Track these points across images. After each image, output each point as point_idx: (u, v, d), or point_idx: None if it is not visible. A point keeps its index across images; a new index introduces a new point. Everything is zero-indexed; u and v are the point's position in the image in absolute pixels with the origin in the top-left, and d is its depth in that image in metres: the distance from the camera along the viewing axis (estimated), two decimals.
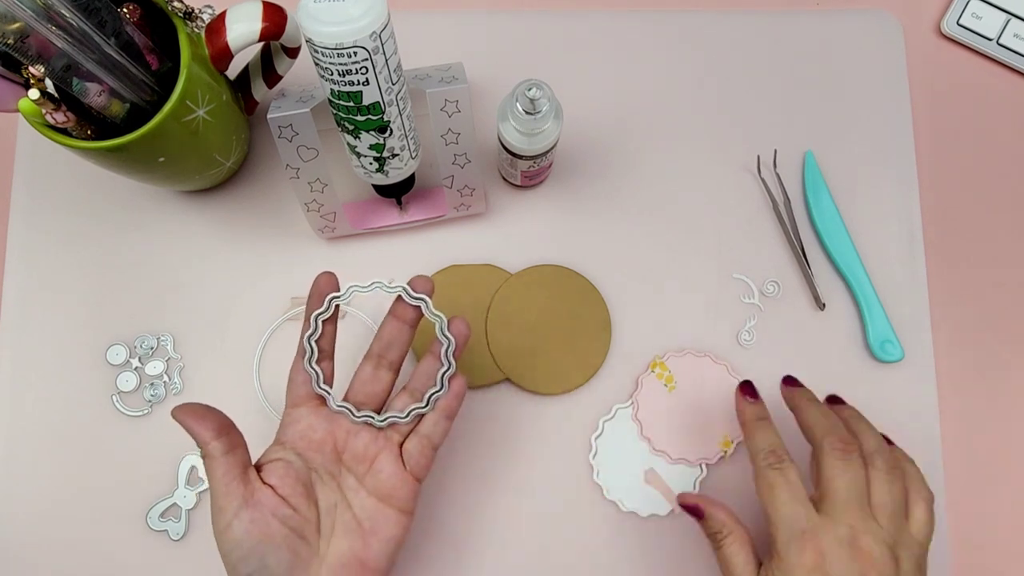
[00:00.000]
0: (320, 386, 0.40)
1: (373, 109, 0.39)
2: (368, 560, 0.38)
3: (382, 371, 0.41)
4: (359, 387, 0.41)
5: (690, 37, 0.54)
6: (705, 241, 0.51)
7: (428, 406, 0.40)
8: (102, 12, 0.36)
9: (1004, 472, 0.49)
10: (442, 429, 0.41)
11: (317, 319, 0.39)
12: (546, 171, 0.50)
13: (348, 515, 0.39)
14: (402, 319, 0.40)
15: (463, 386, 0.41)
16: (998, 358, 0.51)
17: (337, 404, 0.40)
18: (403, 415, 0.40)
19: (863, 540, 0.36)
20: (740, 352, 0.50)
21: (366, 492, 0.40)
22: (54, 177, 0.51)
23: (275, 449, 0.40)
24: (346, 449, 0.40)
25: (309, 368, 0.39)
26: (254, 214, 0.51)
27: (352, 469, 0.40)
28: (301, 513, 0.38)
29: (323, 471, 0.40)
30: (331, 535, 0.39)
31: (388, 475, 0.40)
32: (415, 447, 0.40)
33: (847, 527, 0.37)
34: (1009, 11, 0.53)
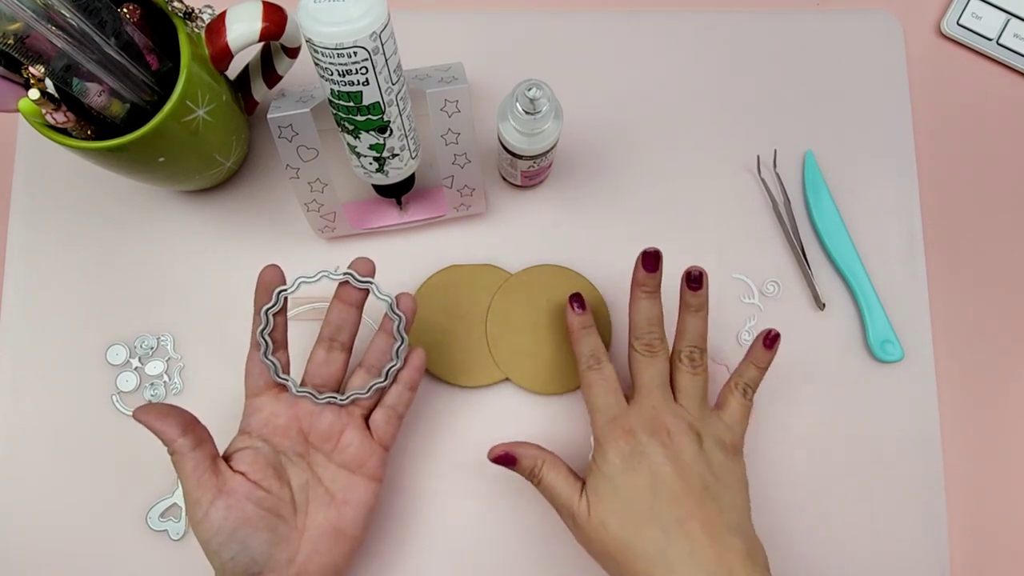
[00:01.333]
0: (280, 376, 0.41)
1: (373, 109, 0.39)
2: (344, 527, 0.41)
3: (335, 353, 0.42)
4: (315, 370, 0.42)
5: (690, 37, 0.54)
6: (705, 241, 0.51)
7: (388, 380, 0.42)
8: (102, 12, 0.36)
9: (1004, 472, 0.49)
10: (406, 399, 0.43)
11: (267, 313, 0.40)
12: (546, 171, 0.50)
13: (320, 489, 0.41)
14: (348, 302, 0.42)
15: (422, 358, 0.43)
16: (998, 358, 0.51)
17: (298, 390, 0.41)
18: (364, 391, 0.42)
19: (664, 418, 0.41)
20: (740, 352, 0.50)
21: (336, 466, 0.42)
22: (54, 177, 0.51)
23: (241, 439, 0.41)
24: (311, 430, 0.42)
25: (266, 361, 0.41)
26: (254, 214, 0.51)
27: (319, 447, 0.42)
28: (274, 494, 0.40)
29: (291, 453, 0.41)
30: (307, 509, 0.41)
31: (356, 447, 0.42)
32: (382, 417, 0.42)
33: (651, 407, 0.41)
34: (1009, 11, 0.53)
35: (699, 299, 0.43)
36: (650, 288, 0.43)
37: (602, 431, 0.41)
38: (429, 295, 0.49)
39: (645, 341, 0.42)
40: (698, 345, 0.43)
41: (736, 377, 0.44)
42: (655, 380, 0.42)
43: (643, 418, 0.41)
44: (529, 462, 0.42)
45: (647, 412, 0.41)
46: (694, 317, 0.43)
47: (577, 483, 0.42)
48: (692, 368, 0.42)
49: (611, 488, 0.40)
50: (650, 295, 0.43)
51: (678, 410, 0.41)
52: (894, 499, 0.49)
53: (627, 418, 0.41)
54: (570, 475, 0.42)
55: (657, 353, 0.42)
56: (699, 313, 0.43)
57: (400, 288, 0.49)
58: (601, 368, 0.43)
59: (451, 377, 0.48)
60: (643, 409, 0.41)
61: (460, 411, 0.49)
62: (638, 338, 0.43)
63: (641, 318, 0.43)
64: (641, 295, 0.43)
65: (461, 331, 0.49)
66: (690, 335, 0.43)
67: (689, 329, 0.43)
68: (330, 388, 0.42)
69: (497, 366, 0.48)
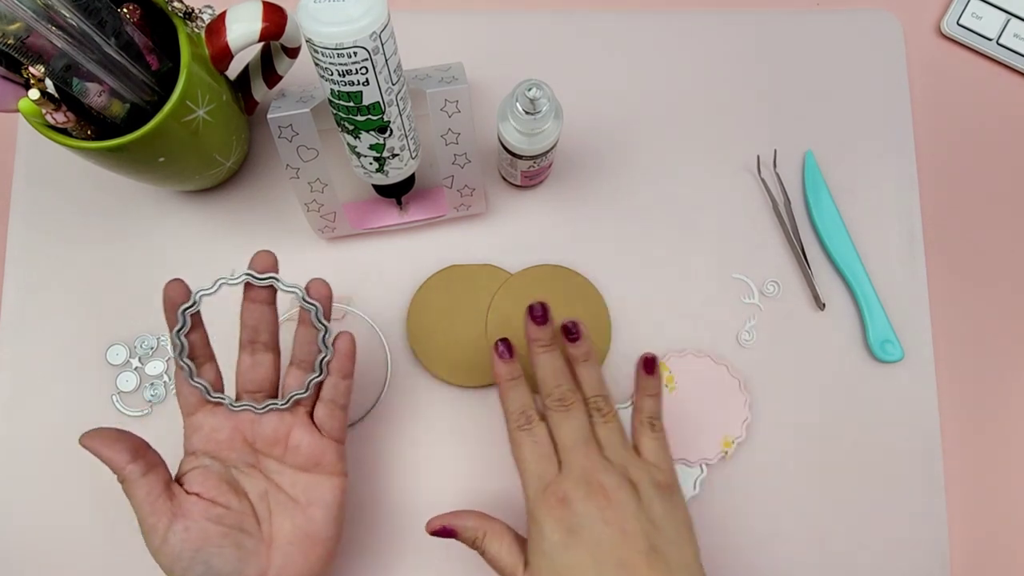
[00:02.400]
0: (212, 396, 0.40)
1: (373, 109, 0.39)
2: (314, 532, 0.40)
3: (260, 355, 0.41)
4: (245, 377, 0.41)
5: (690, 37, 0.54)
6: (705, 241, 0.51)
7: (322, 373, 0.40)
8: (102, 12, 0.36)
9: (1004, 471, 0.49)
10: (343, 388, 0.41)
11: (180, 336, 0.38)
12: (546, 171, 0.50)
13: (282, 496, 0.40)
14: (257, 300, 0.40)
15: (350, 343, 0.41)
16: (998, 358, 0.51)
17: (235, 405, 0.40)
18: (303, 391, 0.40)
19: (597, 476, 0.38)
20: (740, 352, 0.50)
21: (292, 469, 0.40)
22: (54, 177, 0.51)
23: (188, 460, 0.40)
24: (256, 438, 0.40)
25: (194, 383, 0.39)
26: (254, 214, 0.51)
27: (269, 453, 0.40)
28: (234, 509, 0.39)
29: (242, 464, 0.40)
30: (271, 519, 0.39)
31: (307, 446, 0.40)
32: (324, 413, 0.41)
33: (579, 468, 0.39)
34: (1009, 11, 0.53)
35: (582, 349, 0.41)
36: (545, 341, 0.41)
37: (535, 503, 0.39)
38: (429, 295, 0.49)
39: (556, 396, 0.40)
40: (599, 393, 0.41)
41: (637, 414, 0.42)
42: (578, 436, 0.40)
43: (575, 482, 0.38)
44: (470, 534, 0.40)
45: (577, 474, 0.38)
46: (584, 367, 0.41)
47: (521, 554, 0.39)
48: (603, 418, 0.41)
49: (552, 568, 0.37)
50: (548, 348, 0.41)
51: (607, 465, 0.39)
52: (894, 499, 0.49)
53: (559, 485, 0.38)
54: (514, 544, 0.40)
55: (571, 406, 0.40)
56: (587, 363, 0.41)
57: (400, 288, 0.50)
58: (532, 429, 0.40)
59: (453, 378, 0.48)
60: (573, 472, 0.39)
61: (460, 411, 0.49)
62: (548, 395, 0.41)
63: (546, 373, 0.41)
64: (539, 350, 0.41)
65: (461, 331, 0.49)
66: (588, 386, 0.41)
67: (584, 380, 0.41)
68: (266, 391, 0.41)
69: None
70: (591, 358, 0.42)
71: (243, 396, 0.41)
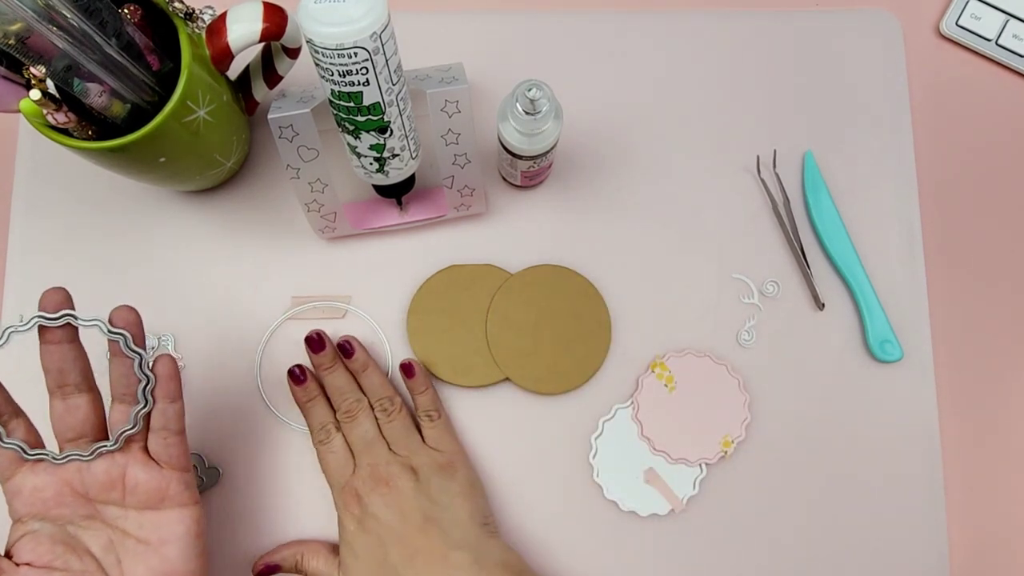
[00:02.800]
0: (29, 454, 0.37)
1: (373, 109, 0.39)
2: (171, 569, 0.38)
3: (72, 399, 0.37)
4: (62, 425, 0.37)
5: (690, 37, 0.54)
6: (705, 241, 0.51)
7: (147, 403, 0.37)
8: (103, 13, 0.36)
9: (1004, 471, 0.50)
10: (173, 412, 0.38)
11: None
12: (546, 171, 0.50)
13: (129, 541, 0.38)
14: (56, 341, 0.37)
15: (170, 365, 0.38)
16: (997, 358, 0.51)
17: (59, 457, 0.37)
18: (131, 426, 0.37)
19: (380, 469, 0.44)
20: (740, 352, 0.50)
21: (135, 511, 0.38)
22: (55, 177, 0.51)
23: (15, 528, 0.37)
24: (88, 487, 0.38)
25: (5, 446, 0.36)
26: (254, 214, 0.51)
27: (107, 500, 0.38)
28: (73, 569, 0.37)
29: (77, 519, 0.38)
30: (120, 569, 0.37)
31: (146, 483, 0.38)
32: (158, 443, 0.38)
33: (368, 466, 0.44)
34: (1008, 12, 0.53)
35: (359, 362, 0.46)
36: (327, 364, 0.46)
37: (336, 503, 0.44)
38: (429, 295, 0.49)
39: (343, 409, 0.45)
40: (383, 395, 0.46)
41: (415, 411, 0.47)
42: (364, 439, 0.45)
43: (363, 478, 0.44)
44: (289, 561, 0.45)
45: (366, 472, 0.44)
46: (364, 376, 0.46)
47: (336, 559, 0.44)
48: (388, 417, 0.45)
49: (352, 554, 0.43)
50: (331, 370, 0.46)
51: (392, 457, 0.44)
52: (894, 499, 0.49)
53: (353, 484, 0.44)
54: (330, 555, 0.45)
55: (356, 415, 0.45)
56: (367, 371, 0.46)
57: (400, 288, 0.50)
58: (330, 441, 0.45)
59: (451, 377, 0.48)
60: (363, 470, 0.44)
61: (460, 411, 0.49)
62: (338, 408, 0.46)
63: (332, 391, 0.46)
64: (324, 373, 0.46)
65: (461, 331, 0.49)
66: (372, 392, 0.46)
67: (368, 387, 0.46)
68: (89, 436, 0.38)
69: (497, 366, 0.48)
70: (369, 367, 0.46)
71: (64, 446, 0.37)
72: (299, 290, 0.50)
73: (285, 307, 0.50)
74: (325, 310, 0.49)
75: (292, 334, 0.49)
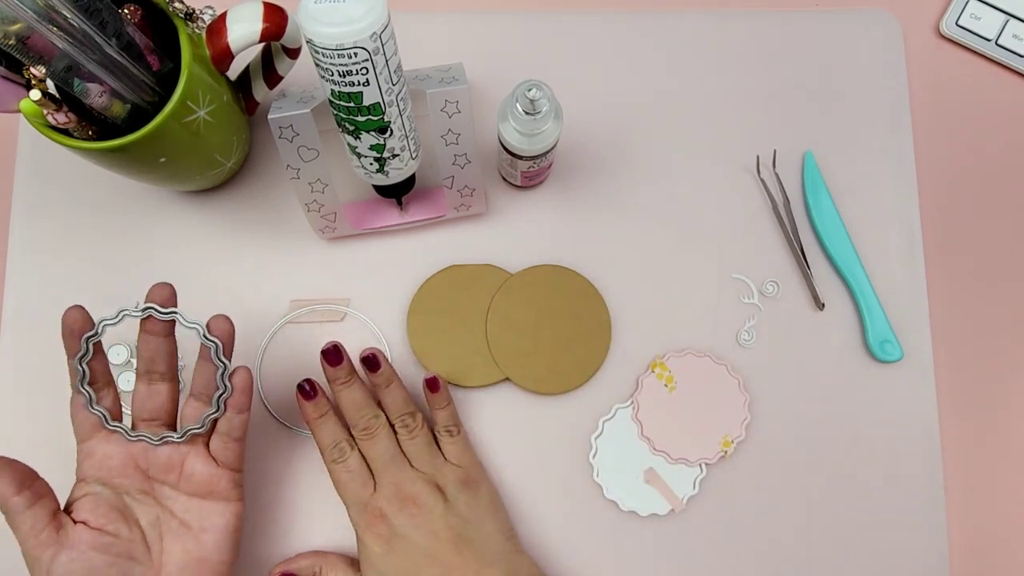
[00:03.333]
0: (109, 424, 0.40)
1: (373, 110, 0.39)
2: (206, 556, 0.40)
3: (156, 385, 0.41)
4: (140, 406, 0.41)
5: (690, 37, 0.54)
6: (705, 241, 0.51)
7: (219, 410, 0.41)
8: (103, 13, 0.36)
9: (1003, 471, 0.50)
10: (239, 423, 0.41)
11: (81, 363, 0.39)
12: (546, 171, 0.50)
13: (174, 522, 0.40)
14: (154, 332, 0.40)
15: (246, 379, 0.41)
16: (997, 358, 0.51)
17: (132, 435, 0.40)
18: (199, 425, 0.40)
19: (405, 488, 0.43)
20: (740, 352, 0.50)
21: (185, 496, 0.41)
22: (55, 177, 0.51)
23: (79, 487, 0.40)
24: (150, 465, 0.40)
25: (93, 411, 0.39)
26: (255, 214, 0.51)
27: (163, 480, 0.41)
28: (123, 537, 0.39)
29: (134, 491, 0.40)
30: (161, 545, 0.40)
31: (201, 474, 0.41)
32: (219, 445, 0.41)
33: (390, 485, 0.43)
34: (1008, 12, 0.53)
35: (383, 376, 0.45)
36: (343, 378, 0.44)
37: (357, 523, 0.43)
38: (429, 295, 0.49)
39: (361, 426, 0.44)
40: (404, 411, 0.45)
41: (434, 426, 0.46)
42: (385, 457, 0.43)
43: (388, 498, 0.42)
44: (307, 571, 0.44)
45: (390, 491, 0.43)
46: (387, 392, 0.45)
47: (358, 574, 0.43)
48: (410, 434, 0.44)
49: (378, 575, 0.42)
50: (346, 384, 0.44)
51: (416, 475, 0.43)
52: (894, 499, 0.49)
53: (376, 503, 0.43)
54: (349, 569, 0.44)
55: (375, 432, 0.44)
56: (390, 387, 0.45)
57: (400, 288, 0.50)
58: (346, 460, 0.43)
59: (451, 377, 0.48)
60: (385, 489, 0.43)
61: (460, 411, 0.49)
62: (355, 426, 0.44)
63: (348, 406, 0.44)
64: (339, 388, 0.44)
65: (461, 331, 0.49)
66: (393, 408, 0.45)
67: (388, 404, 0.45)
68: (162, 420, 0.41)
69: (497, 366, 0.48)
70: (393, 381, 0.45)
71: (138, 424, 0.41)
72: (299, 290, 0.50)
73: (285, 308, 0.50)
74: (324, 313, 0.50)
75: (291, 337, 0.49)
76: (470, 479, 0.44)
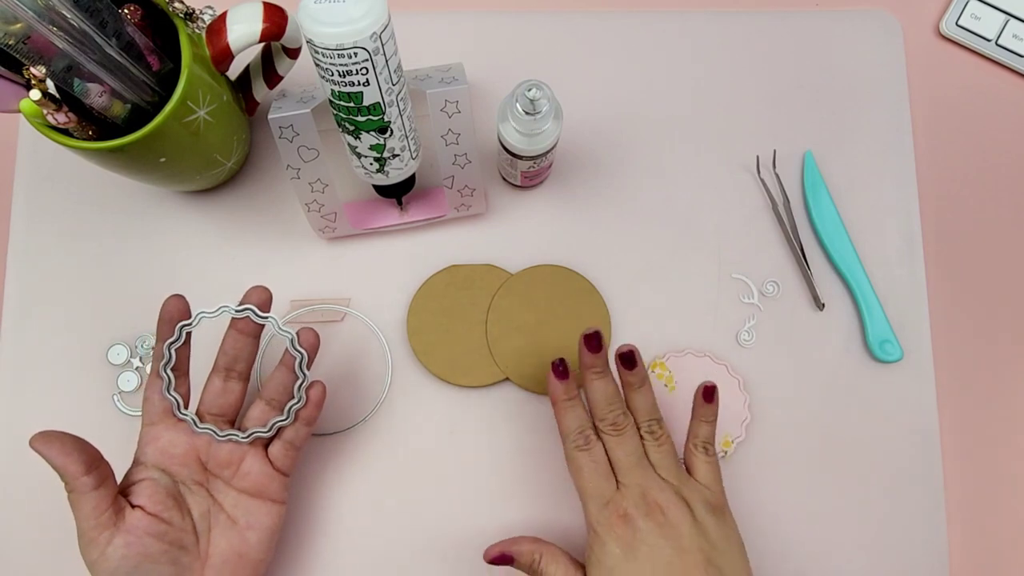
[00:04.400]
0: (180, 413, 0.41)
1: (373, 110, 0.39)
2: (247, 552, 0.41)
3: (232, 383, 0.42)
4: (211, 400, 0.42)
5: (690, 37, 0.54)
6: (705, 241, 0.51)
7: (289, 418, 0.41)
8: (103, 13, 0.36)
9: (1003, 471, 0.50)
10: (303, 434, 0.42)
11: (170, 348, 0.40)
12: (546, 171, 0.50)
13: (223, 516, 0.41)
14: (245, 332, 0.41)
15: (321, 393, 0.42)
16: (997, 358, 0.51)
17: (200, 427, 0.41)
18: (265, 429, 0.41)
19: (652, 494, 0.40)
20: (740, 352, 0.50)
21: (236, 492, 0.41)
22: (55, 177, 0.51)
23: (138, 469, 0.40)
24: (209, 458, 0.41)
25: (168, 396, 0.40)
26: (255, 214, 0.51)
27: (219, 474, 0.41)
28: (175, 525, 0.39)
29: (190, 482, 0.41)
30: (208, 536, 0.40)
31: (256, 474, 0.42)
32: (279, 451, 0.42)
33: (637, 487, 0.40)
34: (1008, 12, 0.53)
35: (638, 376, 0.43)
36: (599, 368, 0.42)
37: (597, 520, 0.40)
38: (429, 295, 0.49)
39: (609, 421, 0.42)
40: (652, 417, 0.42)
41: (691, 438, 0.43)
42: (632, 458, 0.41)
43: (634, 500, 0.40)
44: (527, 558, 0.41)
45: (636, 492, 0.40)
46: (638, 393, 0.43)
47: (579, 572, 0.40)
48: (656, 441, 0.42)
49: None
50: (601, 375, 0.42)
51: (663, 484, 0.41)
52: (893, 499, 0.49)
53: (620, 503, 0.40)
54: (570, 565, 0.41)
55: (624, 429, 0.42)
56: (642, 388, 0.43)
57: (400, 288, 0.50)
58: (591, 449, 0.41)
59: (451, 377, 0.48)
60: (631, 490, 0.40)
61: (461, 411, 0.49)
62: (602, 419, 0.42)
63: (599, 398, 0.42)
64: (592, 376, 0.42)
65: (461, 331, 0.49)
66: (642, 411, 0.43)
67: (638, 406, 0.43)
68: (227, 417, 0.42)
69: (497, 366, 0.48)
70: (645, 383, 0.43)
71: (205, 417, 0.41)
72: (299, 290, 0.50)
73: (285, 308, 0.50)
74: (324, 313, 0.50)
75: None
76: (718, 504, 0.41)
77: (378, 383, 0.49)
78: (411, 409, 0.49)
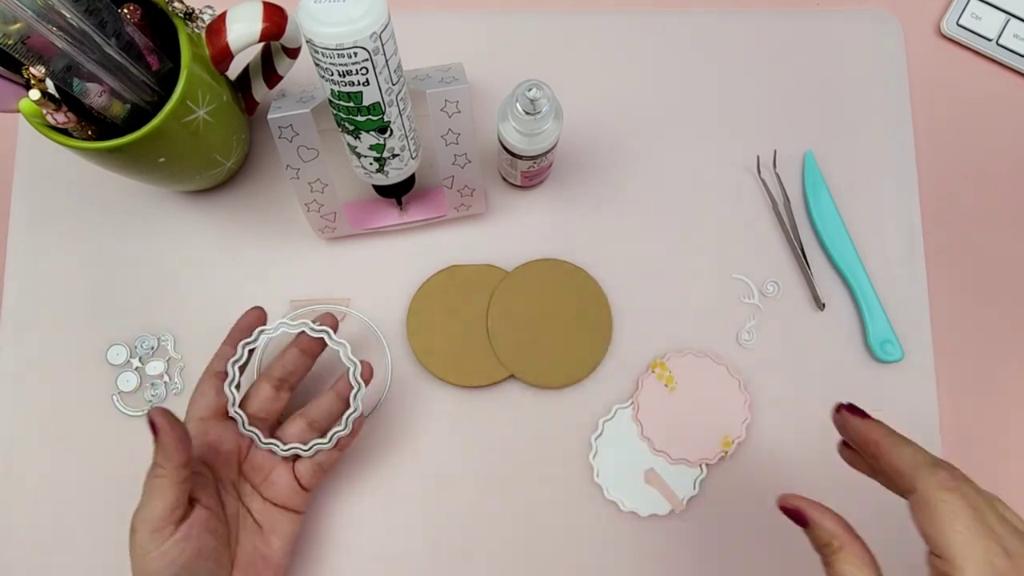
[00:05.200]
0: (235, 410, 0.42)
1: (373, 109, 0.39)
2: (269, 556, 0.42)
3: (283, 392, 0.44)
4: (258, 404, 0.43)
5: (690, 37, 0.54)
6: (705, 241, 0.51)
7: (329, 442, 0.42)
8: (103, 13, 0.36)
9: (1004, 471, 0.49)
10: (336, 458, 0.43)
11: (245, 347, 0.41)
12: (546, 171, 0.50)
13: (248, 519, 0.42)
14: (308, 352, 0.44)
15: (361, 425, 0.43)
16: (998, 358, 0.51)
17: (246, 429, 0.42)
18: (307, 448, 0.42)
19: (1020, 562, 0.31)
20: (740, 352, 0.50)
21: (262, 499, 0.42)
22: (55, 177, 0.51)
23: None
24: (247, 460, 0.43)
25: (229, 392, 0.41)
26: (254, 214, 0.51)
27: (249, 478, 0.43)
28: (222, 523, 0.40)
29: (226, 481, 0.42)
30: (238, 537, 0.41)
31: (283, 487, 0.43)
32: (308, 471, 0.43)
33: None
34: (1008, 11, 0.53)
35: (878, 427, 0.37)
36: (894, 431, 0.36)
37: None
38: (429, 295, 0.49)
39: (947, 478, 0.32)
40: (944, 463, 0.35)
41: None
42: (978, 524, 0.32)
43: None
44: (824, 536, 0.35)
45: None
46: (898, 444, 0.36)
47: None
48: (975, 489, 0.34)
49: None
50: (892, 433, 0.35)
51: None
52: (894, 498, 0.48)
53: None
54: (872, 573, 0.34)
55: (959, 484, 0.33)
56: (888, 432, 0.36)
57: (400, 288, 0.50)
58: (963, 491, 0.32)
59: (451, 377, 0.48)
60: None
61: (460, 411, 0.49)
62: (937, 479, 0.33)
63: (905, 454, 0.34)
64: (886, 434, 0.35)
65: (462, 331, 0.49)
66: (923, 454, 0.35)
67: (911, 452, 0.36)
68: (268, 423, 0.43)
69: (501, 363, 0.48)
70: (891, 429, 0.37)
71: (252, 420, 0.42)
72: (299, 290, 0.50)
73: (285, 308, 0.50)
74: (324, 313, 0.49)
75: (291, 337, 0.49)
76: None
77: (378, 384, 0.49)
78: (411, 409, 0.49)
